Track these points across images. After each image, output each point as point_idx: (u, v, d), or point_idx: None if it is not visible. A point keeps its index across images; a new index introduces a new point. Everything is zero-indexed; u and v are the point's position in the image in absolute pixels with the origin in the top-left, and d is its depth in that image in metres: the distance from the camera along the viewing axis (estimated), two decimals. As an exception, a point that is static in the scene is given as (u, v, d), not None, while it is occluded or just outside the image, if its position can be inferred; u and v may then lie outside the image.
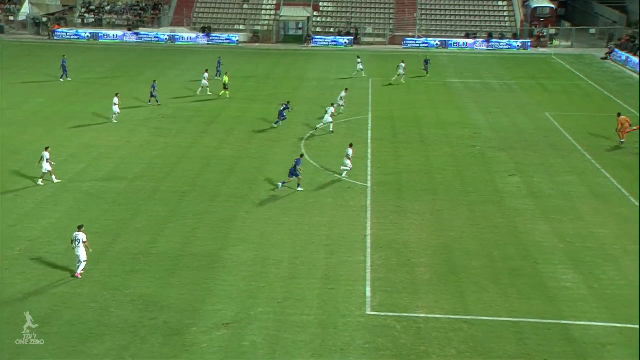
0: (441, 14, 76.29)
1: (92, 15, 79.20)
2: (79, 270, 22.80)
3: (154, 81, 46.68)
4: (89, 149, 36.26)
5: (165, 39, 73.37)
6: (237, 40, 72.96)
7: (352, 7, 77.43)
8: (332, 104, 41.21)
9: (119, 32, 74.33)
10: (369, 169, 33.72)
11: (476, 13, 76.12)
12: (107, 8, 79.56)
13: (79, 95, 48.70)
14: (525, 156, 35.98)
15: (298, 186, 30.83)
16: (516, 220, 27.93)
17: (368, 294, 22.13)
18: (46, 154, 30.67)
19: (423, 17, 75.78)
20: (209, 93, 48.53)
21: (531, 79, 56.15)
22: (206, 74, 48.77)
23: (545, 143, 38.30)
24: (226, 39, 73.06)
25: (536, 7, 75.45)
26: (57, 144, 31.19)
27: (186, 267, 23.77)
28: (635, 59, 60.94)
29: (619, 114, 39.08)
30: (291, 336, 19.81)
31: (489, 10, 76.39)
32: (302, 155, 32.17)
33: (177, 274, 23.31)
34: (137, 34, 74.06)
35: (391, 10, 76.49)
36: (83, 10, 79.85)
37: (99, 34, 74.14)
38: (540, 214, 28.61)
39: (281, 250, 25.10)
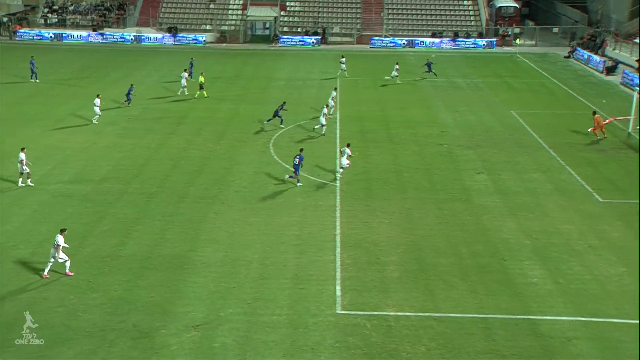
0: (408, 14, 76.79)
1: (56, 16, 77.98)
2: (49, 268, 22.83)
3: (132, 85, 46.23)
4: (54, 151, 35.72)
5: (131, 39, 72.60)
6: (204, 40, 72.52)
7: (320, 6, 77.50)
8: (325, 105, 41.22)
9: (84, 33, 73.32)
10: (338, 168, 33.76)
11: (442, 13, 76.77)
12: (71, 8, 78.42)
13: (44, 97, 47.94)
14: (492, 154, 36.41)
15: (298, 182, 31.35)
16: (484, 218, 28.26)
17: (338, 293, 22.20)
18: (22, 155, 30.19)
19: (390, 16, 76.19)
20: (186, 93, 48.25)
21: (497, 77, 56.84)
22: (185, 74, 48.72)
23: (512, 141, 38.81)
24: (193, 39, 72.55)
25: (501, 7, 76.39)
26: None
27: (155, 269, 23.57)
28: (597, 57, 62.06)
29: (594, 113, 39.73)
30: (262, 337, 19.78)
31: (455, 10, 77.13)
32: (301, 150, 32.10)
33: (146, 276, 23.10)
34: (102, 34, 73.15)
35: (358, 10, 76.77)
36: (46, 10, 78.60)
37: (63, 35, 73.04)
38: (507, 211, 28.99)
39: (251, 250, 25.04)
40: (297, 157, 31.13)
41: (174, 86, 51.79)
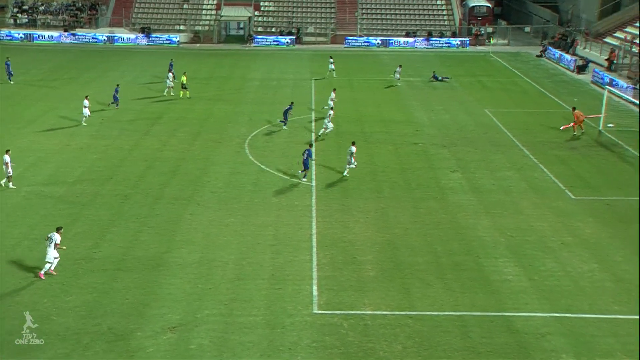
0: (382, 14, 77.01)
1: (26, 16, 76.85)
2: (46, 270, 22.66)
3: (117, 85, 45.76)
4: (26, 153, 35.21)
5: (104, 40, 71.85)
6: (178, 41, 72.03)
7: (294, 6, 77.40)
8: (330, 108, 40.90)
9: (55, 33, 72.36)
10: (313, 168, 33.80)
11: (416, 12, 77.11)
12: (41, 8, 77.33)
13: (15, 98, 47.20)
14: (467, 153, 36.70)
15: (304, 177, 31.74)
16: (459, 216, 28.47)
17: (315, 293, 22.21)
18: (7, 158, 29.74)
19: (364, 16, 76.37)
20: (172, 94, 47.78)
21: (471, 76, 57.26)
22: (170, 75, 48.24)
23: (486, 139, 39.15)
24: (167, 39, 72.00)
25: (474, 7, 76.97)
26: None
27: (130, 271, 23.38)
28: (568, 56, 62.85)
29: (574, 108, 40.17)
30: (239, 338, 19.73)
31: (429, 10, 77.54)
32: (311, 145, 32.27)
33: (120, 278, 22.90)
34: (74, 35, 72.24)
35: (332, 10, 76.84)
36: (16, 10, 77.40)
37: (34, 35, 72.02)
38: (482, 209, 29.24)
39: (227, 251, 24.95)
40: (306, 152, 31.71)
41: (148, 87, 51.47)
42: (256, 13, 75.84)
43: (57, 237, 22.69)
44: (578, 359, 19.06)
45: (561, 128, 40.31)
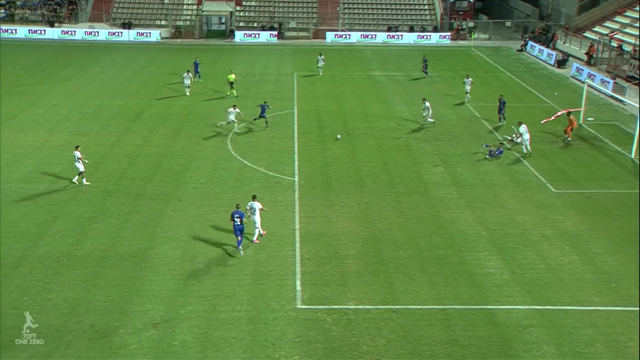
0: (363, 8, 77.02)
1: (4, 11, 75.89)
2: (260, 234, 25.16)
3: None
4: (5, 150, 34.84)
5: (84, 35, 71.01)
6: (159, 35, 71.46)
7: (275, 1, 77.15)
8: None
9: (34, 28, 71.55)
10: (296, 163, 33.79)
11: (398, 7, 77.22)
12: (19, 3, 76.41)
13: (-7, 94, 46.69)
14: (449, 147, 36.84)
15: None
16: (441, 210, 28.60)
17: (298, 288, 22.23)
18: None
19: (346, 11, 76.32)
20: (187, 94, 46.98)
21: (452, 71, 57.45)
22: (189, 74, 47.13)
23: (467, 134, 39.32)
24: (148, 34, 71.36)
25: (455, 1, 77.20)
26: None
27: (113, 268, 23.24)
28: (548, 50, 63.23)
29: (569, 113, 39.09)
30: (222, 333, 19.71)
31: (410, 4, 77.65)
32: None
33: (103, 275, 22.76)
34: (53, 30, 71.39)
35: (314, 5, 76.70)
36: (-6, 5, 76.42)
37: (10, 30, 71.05)
38: (464, 203, 29.40)
39: (210, 247, 24.89)
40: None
41: (129, 83, 51.13)
42: (238, 8, 75.52)
43: (258, 205, 24.87)
44: (559, 350, 19.27)
45: (542, 122, 40.56)
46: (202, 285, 22.26)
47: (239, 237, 24.35)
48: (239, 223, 24.10)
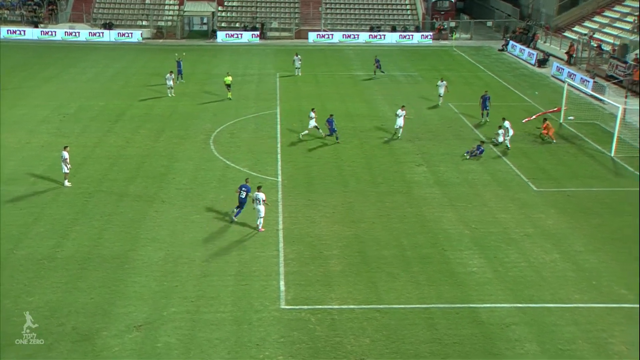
0: (346, 8, 77.14)
1: (-17, 11, 75.05)
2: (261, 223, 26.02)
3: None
4: (-15, 151, 34.52)
5: (64, 35, 70.35)
6: (141, 36, 70.99)
7: (258, 1, 77.04)
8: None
9: (13, 29, 70.84)
10: (279, 163, 33.77)
11: (380, 7, 77.42)
12: (-1, 3, 75.63)
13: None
14: (432, 146, 36.99)
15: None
16: (424, 209, 28.72)
17: (282, 288, 22.22)
18: None
19: (328, 11, 76.38)
20: (172, 95, 46.54)
21: (434, 70, 57.65)
22: (169, 75, 46.58)
23: (450, 133, 39.51)
24: (129, 35, 70.91)
25: (436, 1, 77.56)
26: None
27: (95, 270, 23.09)
28: (529, 50, 63.71)
29: (545, 120, 39.17)
30: (206, 335, 19.65)
31: (392, 4, 77.88)
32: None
33: (85, 277, 22.60)
34: (33, 30, 70.69)
35: (296, 5, 76.68)
36: (-28, 5, 75.56)
37: (-8, 31, 70.42)
38: (447, 202, 29.54)
39: (193, 248, 24.81)
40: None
41: (110, 83, 50.80)
42: (219, 8, 75.31)
43: (262, 195, 25.75)
44: (541, 348, 19.42)
45: (523, 121, 40.84)
46: (186, 287, 22.19)
47: (238, 210, 26.70)
48: (243, 196, 26.33)
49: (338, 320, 20.55)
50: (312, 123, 37.36)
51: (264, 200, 25.93)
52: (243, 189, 26.38)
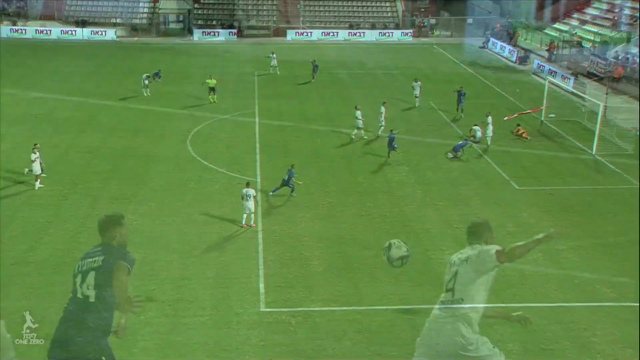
0: (324, 6, 76.80)
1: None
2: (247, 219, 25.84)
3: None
4: (-46, 153, 33.66)
5: (35, 33, 68.93)
6: (115, 34, 69.93)
7: (235, -1, 76.45)
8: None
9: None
10: (257, 163, 33.35)
11: (359, 4, 77.20)
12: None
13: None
14: (413, 145, 36.74)
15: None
16: (406, 209, 28.46)
17: (262, 290, 21.82)
18: None
19: (307, 8, 75.98)
20: (146, 94, 45.72)
21: (414, 68, 57.51)
22: (145, 75, 46.00)
23: (430, 132, 39.32)
24: (103, 33, 69.82)
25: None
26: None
27: (69, 274, 22.29)
28: (509, 47, 63.88)
29: (518, 124, 38.92)
30: (184, 339, 19.21)
31: (371, 1, 77.67)
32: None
33: (59, 282, 21.88)
34: (2, 27, 69.21)
35: (274, 2, 76.16)
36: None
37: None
38: (428, 201, 29.31)
39: (171, 251, 24.32)
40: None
41: (84, 83, 49.99)
42: (196, 6, 74.51)
43: (252, 191, 25.78)
44: (524, 347, 19.21)
45: (504, 119, 40.75)
46: (163, 290, 21.69)
47: (276, 188, 28.77)
48: (286, 178, 28.17)
49: (319, 322, 20.19)
50: (359, 121, 37.07)
51: (254, 197, 25.88)
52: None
